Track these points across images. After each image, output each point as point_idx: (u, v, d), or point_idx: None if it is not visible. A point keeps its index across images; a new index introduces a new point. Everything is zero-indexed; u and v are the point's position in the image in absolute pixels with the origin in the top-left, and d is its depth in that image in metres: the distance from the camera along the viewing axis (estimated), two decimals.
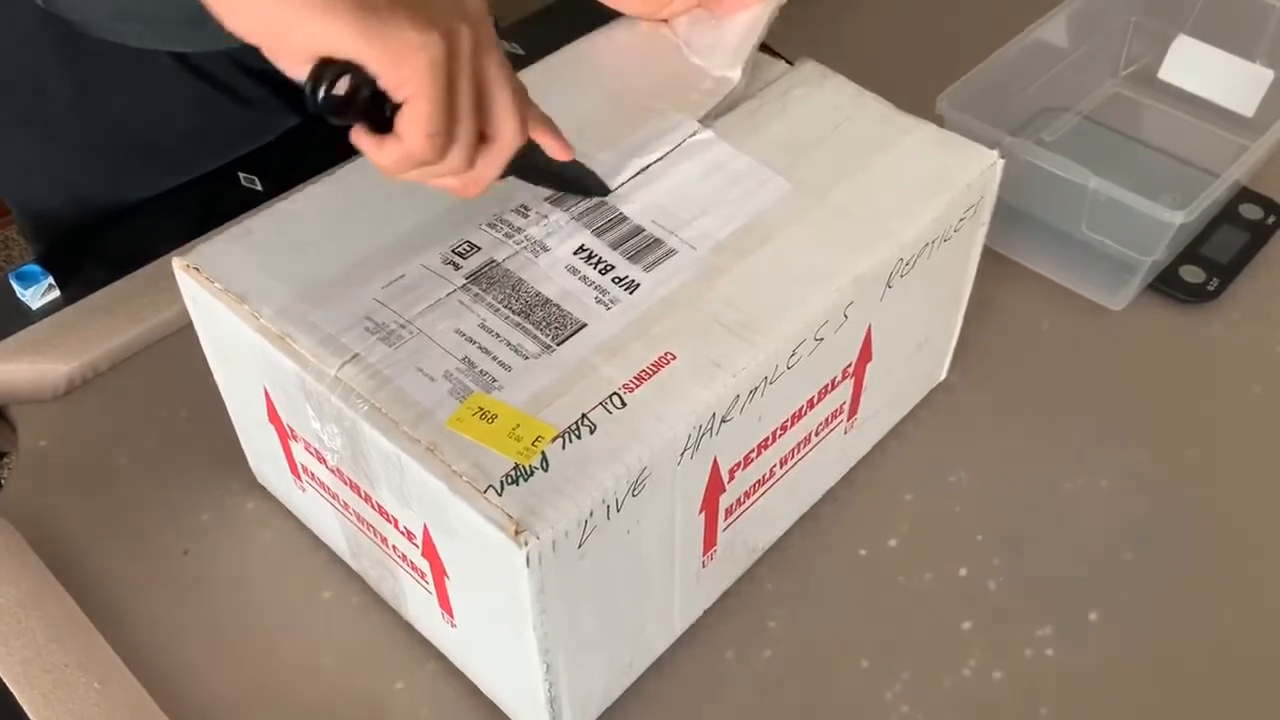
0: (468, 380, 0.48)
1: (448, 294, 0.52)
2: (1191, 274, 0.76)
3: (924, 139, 0.61)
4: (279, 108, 0.81)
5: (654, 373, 0.49)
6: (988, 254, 0.65)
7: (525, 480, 0.45)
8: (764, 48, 0.67)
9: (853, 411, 0.61)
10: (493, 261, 0.54)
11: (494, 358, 0.49)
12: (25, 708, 0.55)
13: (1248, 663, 0.59)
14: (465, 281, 0.53)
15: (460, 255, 0.54)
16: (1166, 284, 0.76)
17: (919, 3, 1.00)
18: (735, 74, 0.63)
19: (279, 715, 0.57)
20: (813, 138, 0.60)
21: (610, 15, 0.68)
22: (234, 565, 0.63)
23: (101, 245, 0.62)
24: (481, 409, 0.47)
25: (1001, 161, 0.60)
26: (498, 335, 0.50)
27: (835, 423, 0.60)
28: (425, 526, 0.49)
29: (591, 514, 0.45)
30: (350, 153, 0.60)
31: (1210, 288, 0.76)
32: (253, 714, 0.57)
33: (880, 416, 0.66)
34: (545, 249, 0.54)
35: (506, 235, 0.55)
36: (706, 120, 0.61)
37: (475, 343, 0.50)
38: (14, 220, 0.83)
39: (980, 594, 0.61)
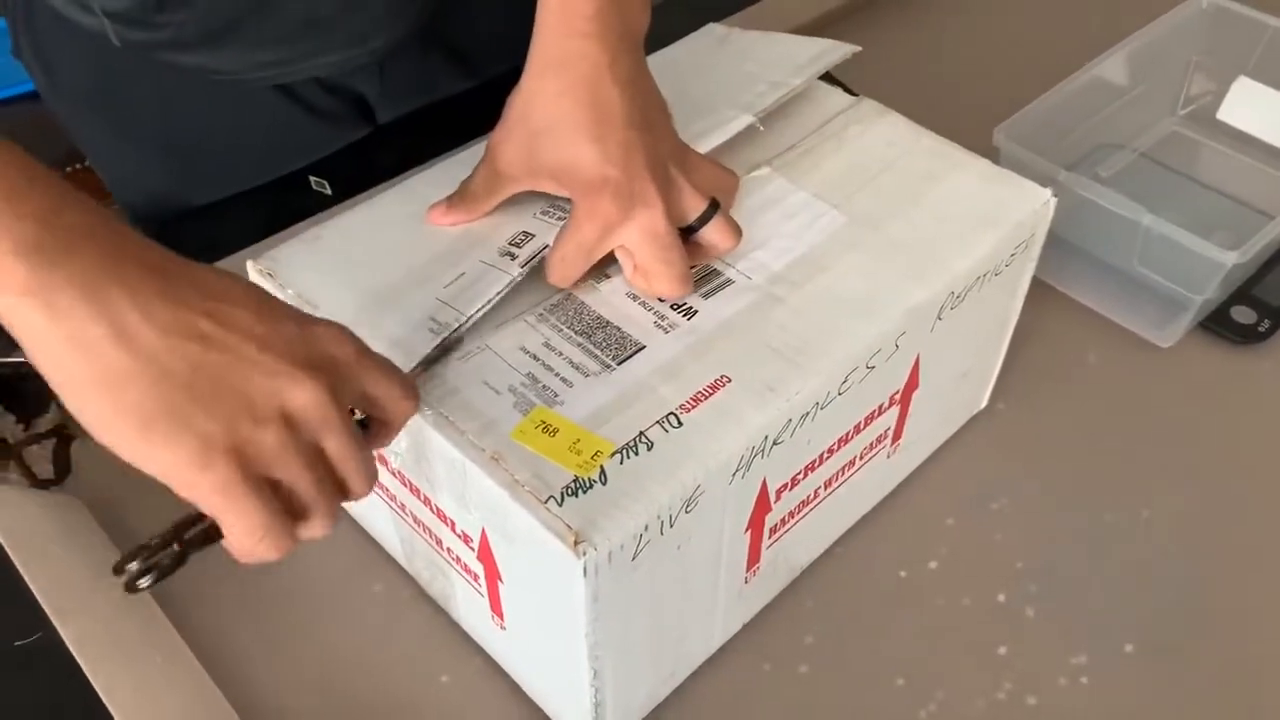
0: (531, 394, 0.50)
1: (506, 284, 0.54)
2: (1243, 314, 0.77)
3: (978, 174, 0.62)
4: (351, 119, 0.83)
5: (710, 394, 0.51)
6: (1039, 285, 0.66)
7: (584, 493, 0.47)
8: (831, 79, 0.68)
9: (896, 436, 0.63)
10: (547, 246, 0.55)
11: (556, 374, 0.51)
12: (89, 674, 0.57)
13: None
14: (521, 270, 0.55)
15: (516, 246, 0.56)
16: (1217, 323, 0.76)
17: (981, 37, 1.01)
18: None
19: (325, 700, 0.59)
20: (868, 173, 0.62)
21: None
22: (289, 555, 0.65)
23: (174, 242, 0.64)
24: (544, 423, 0.49)
25: (1054, 200, 0.61)
26: (560, 353, 0.52)
27: (880, 447, 0.62)
28: (484, 531, 0.51)
29: (646, 528, 0.47)
30: (417, 162, 0.63)
31: (1261, 329, 0.76)
32: (300, 697, 0.59)
33: (922, 442, 0.67)
34: (607, 275, 0.56)
35: None
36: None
37: (539, 360, 0.52)
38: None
39: (1017, 620, 0.62)
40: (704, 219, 0.55)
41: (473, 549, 0.53)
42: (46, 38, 0.77)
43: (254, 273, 0.57)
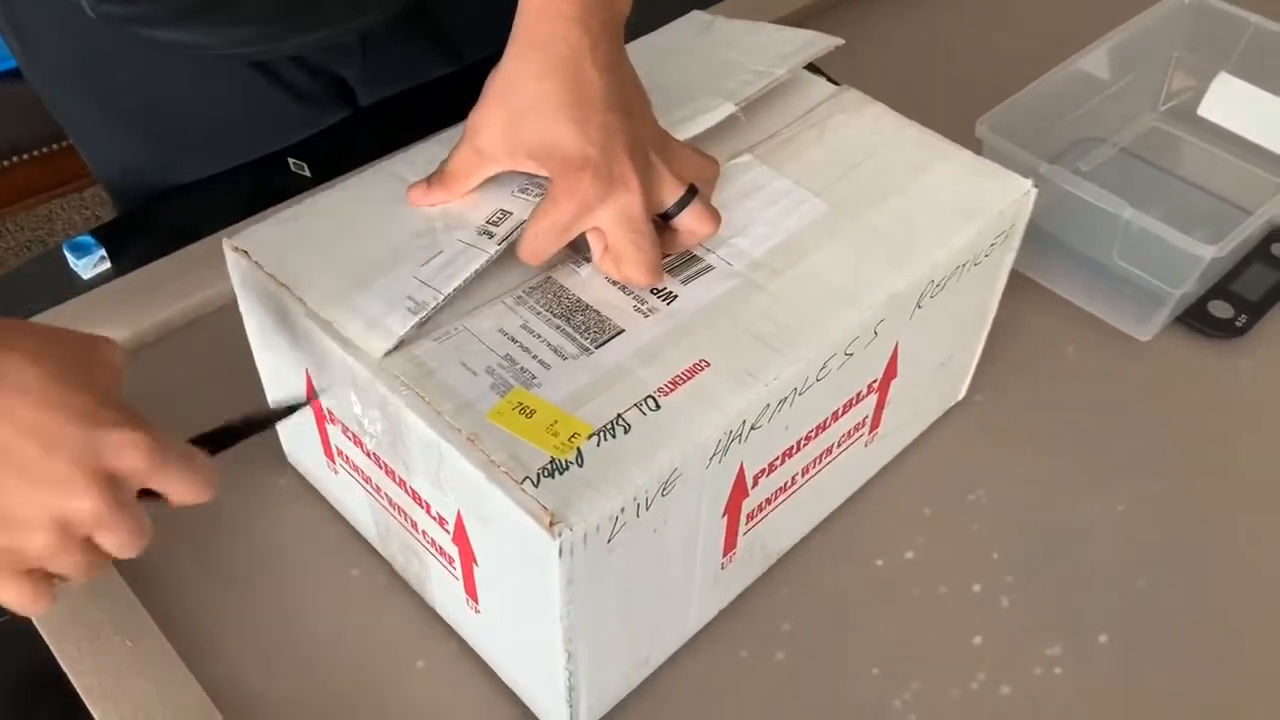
0: (508, 376, 0.50)
1: (483, 263, 0.54)
2: (1220, 309, 0.77)
3: (959, 165, 0.62)
4: (332, 101, 0.83)
5: (688, 379, 0.50)
6: (1019, 278, 0.66)
7: (561, 474, 0.46)
8: (814, 69, 0.68)
9: (874, 425, 0.63)
10: (523, 222, 0.55)
11: (534, 356, 0.51)
12: (60, 661, 0.57)
13: (1256, 696, 0.60)
14: (498, 248, 0.54)
15: (494, 224, 0.56)
16: (1195, 318, 0.77)
17: (965, 30, 1.01)
18: None
19: (302, 684, 0.59)
20: (850, 161, 0.62)
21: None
22: (264, 538, 0.65)
23: (154, 221, 0.64)
24: (521, 404, 0.49)
25: (1035, 190, 0.61)
26: (539, 336, 0.52)
27: (857, 435, 0.62)
28: (459, 513, 0.51)
29: (623, 510, 0.47)
30: (397, 146, 0.62)
31: (1238, 324, 0.76)
32: (276, 681, 0.59)
33: (900, 431, 0.67)
34: (586, 259, 0.56)
35: None
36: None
37: (517, 341, 0.52)
38: (62, 193, 0.87)
39: (993, 610, 0.62)
40: (681, 204, 0.55)
41: (448, 531, 0.53)
42: (25, 10, 0.76)
43: (229, 250, 0.57)
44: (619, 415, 0.49)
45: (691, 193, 0.55)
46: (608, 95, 0.52)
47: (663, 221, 0.55)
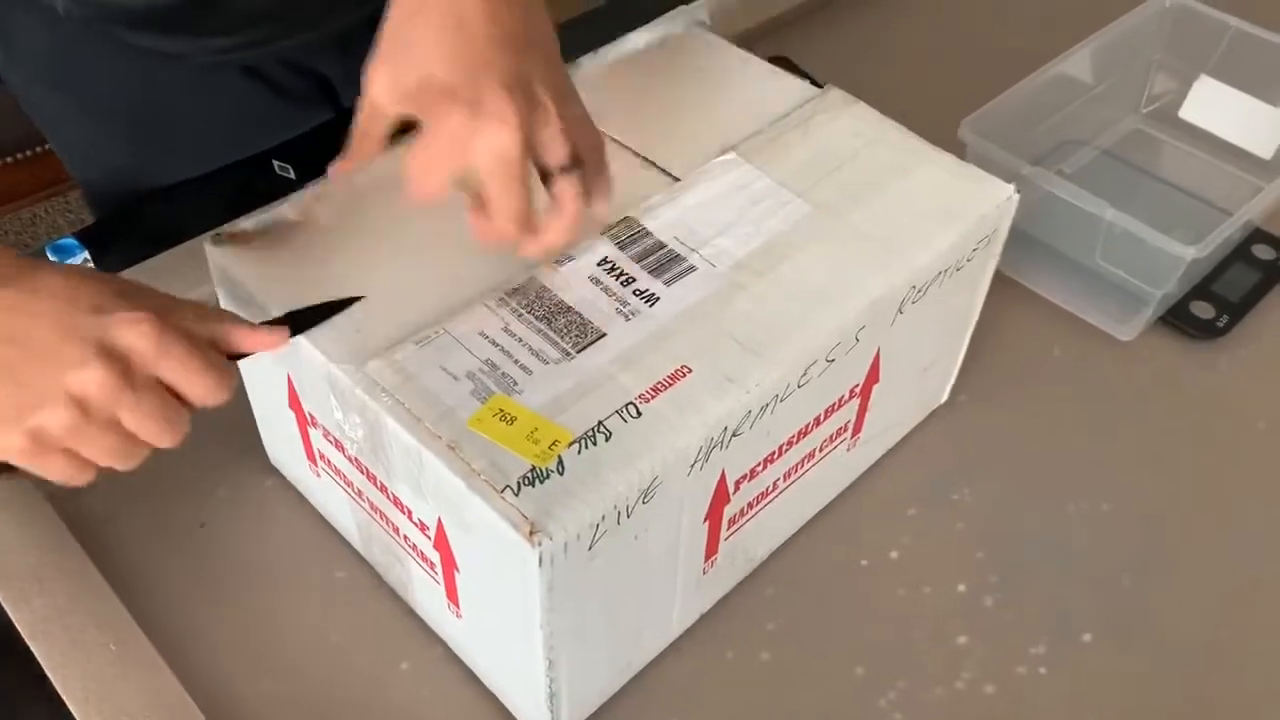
0: (489, 381, 0.50)
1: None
2: (1202, 310, 0.77)
3: (942, 168, 0.62)
4: (316, 102, 0.82)
5: (669, 385, 0.50)
6: (1003, 279, 0.66)
7: (541, 482, 0.46)
8: (794, 69, 0.68)
9: (856, 430, 0.63)
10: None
11: (515, 361, 0.51)
12: (43, 663, 0.57)
13: (1238, 694, 0.60)
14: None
15: None
16: (1177, 318, 0.77)
17: (948, 32, 1.02)
18: None
19: (286, 686, 0.59)
20: (833, 162, 0.62)
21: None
22: (249, 540, 0.65)
23: (136, 223, 0.63)
24: (502, 411, 0.49)
25: (1017, 196, 0.61)
26: (520, 339, 0.52)
27: (839, 440, 0.62)
28: (440, 520, 0.51)
29: (603, 518, 0.47)
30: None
31: (1220, 324, 0.77)
32: (259, 683, 0.59)
33: (882, 436, 0.67)
34: (570, 258, 0.56)
35: None
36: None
37: (498, 345, 0.52)
38: (45, 196, 0.87)
39: (977, 610, 0.63)
40: (565, 168, 0.51)
41: (429, 538, 0.53)
42: (3, 10, 0.76)
43: (211, 252, 0.57)
44: (600, 422, 0.49)
45: (577, 164, 0.51)
46: (490, 28, 0.50)
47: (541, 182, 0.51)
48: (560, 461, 0.47)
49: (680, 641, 0.60)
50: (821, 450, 0.60)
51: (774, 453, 0.56)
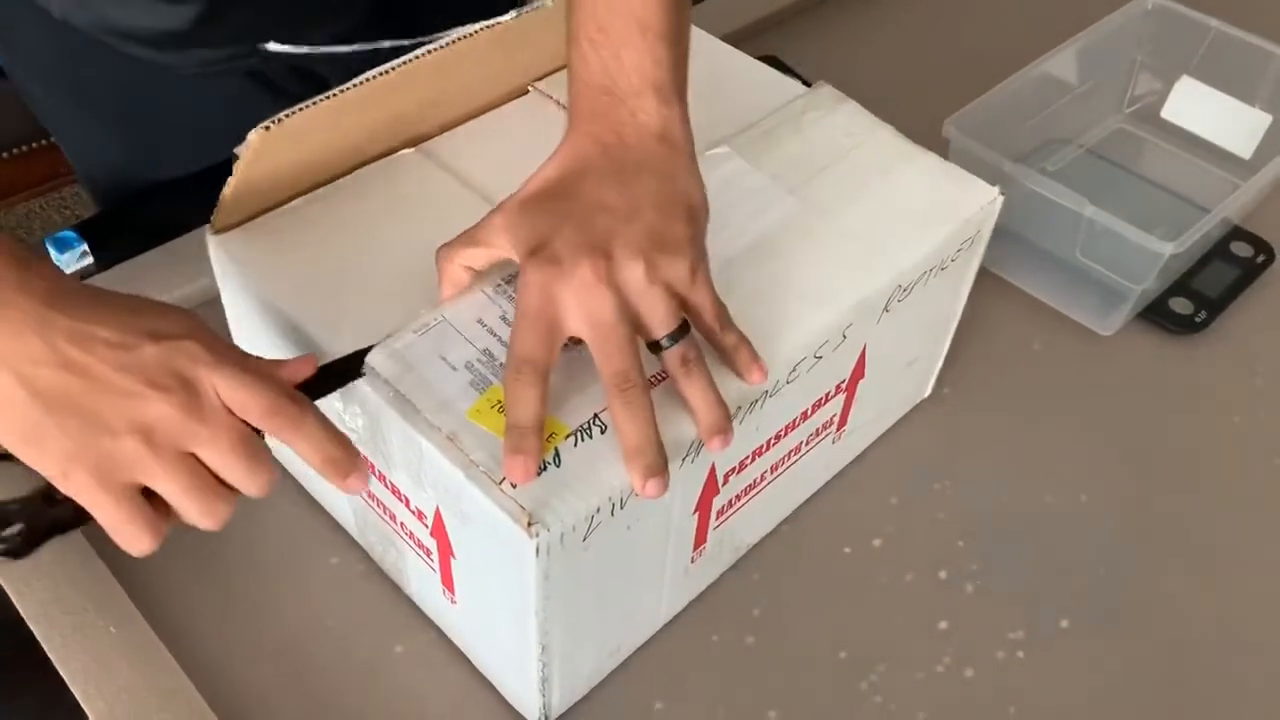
0: (487, 372, 0.51)
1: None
2: (1181, 305, 0.79)
3: (929, 169, 0.64)
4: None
5: (663, 379, 0.51)
6: (985, 275, 0.67)
7: (538, 474, 0.47)
8: (784, 68, 0.69)
9: (842, 423, 0.64)
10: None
11: None
12: (44, 645, 0.58)
13: (1210, 679, 0.62)
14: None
15: None
16: (1156, 314, 0.78)
17: (935, 33, 1.03)
18: None
19: (283, 669, 0.60)
20: (823, 160, 0.63)
21: None
22: (245, 526, 0.65)
23: (136, 217, 0.64)
24: (500, 402, 0.49)
25: (1001, 198, 0.62)
26: None
27: (825, 433, 0.63)
28: (438, 509, 0.52)
29: (598, 510, 0.48)
30: None
31: (1198, 320, 0.78)
32: (257, 666, 0.60)
33: (867, 428, 0.68)
34: None
35: None
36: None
37: (496, 335, 0.52)
38: (41, 192, 0.88)
39: (958, 596, 0.64)
40: (674, 337, 0.49)
41: (427, 525, 0.54)
42: (6, 7, 0.76)
43: (212, 244, 0.58)
44: (595, 415, 0.50)
45: (685, 329, 0.50)
46: (598, 187, 0.50)
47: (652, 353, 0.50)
48: (557, 454, 0.48)
49: (667, 626, 0.62)
50: (808, 443, 0.62)
51: (762, 446, 0.57)
